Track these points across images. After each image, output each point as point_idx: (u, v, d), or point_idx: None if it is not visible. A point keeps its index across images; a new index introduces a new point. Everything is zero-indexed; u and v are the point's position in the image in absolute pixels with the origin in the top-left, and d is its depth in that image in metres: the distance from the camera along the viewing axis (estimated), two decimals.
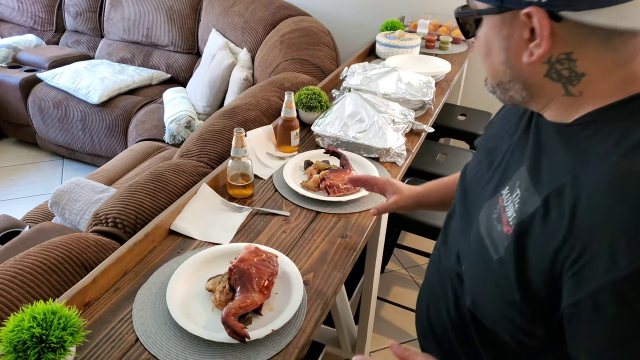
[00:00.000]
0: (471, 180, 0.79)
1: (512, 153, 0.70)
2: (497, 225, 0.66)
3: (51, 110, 2.90)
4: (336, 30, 2.95)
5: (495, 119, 0.84)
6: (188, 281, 0.97)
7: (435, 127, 1.76)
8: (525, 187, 0.62)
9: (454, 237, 0.80)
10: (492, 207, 0.68)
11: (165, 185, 1.31)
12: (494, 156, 0.75)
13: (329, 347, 1.77)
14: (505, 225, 0.64)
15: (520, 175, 0.65)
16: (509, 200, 0.65)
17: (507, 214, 0.64)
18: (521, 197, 0.63)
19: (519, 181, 0.65)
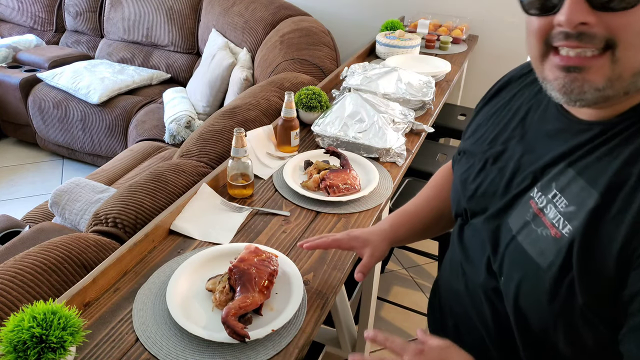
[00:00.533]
0: (479, 191, 0.74)
1: (530, 155, 0.67)
2: (538, 229, 0.61)
3: (51, 110, 2.90)
4: (336, 30, 2.96)
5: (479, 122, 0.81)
6: (188, 281, 0.97)
7: (435, 127, 1.76)
8: (576, 187, 0.59)
9: (475, 248, 0.75)
10: (524, 213, 0.64)
11: (165, 185, 1.31)
12: (503, 162, 0.71)
13: (329, 347, 1.77)
14: (550, 228, 0.60)
15: (555, 175, 0.62)
16: (545, 201, 0.62)
17: (549, 216, 0.60)
18: (567, 195, 0.59)
19: (555, 182, 0.61)
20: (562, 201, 0.60)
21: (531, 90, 0.75)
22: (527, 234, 0.63)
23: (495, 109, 0.79)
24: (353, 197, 1.25)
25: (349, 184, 1.27)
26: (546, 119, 0.68)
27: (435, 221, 0.97)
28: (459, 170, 0.81)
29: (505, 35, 2.59)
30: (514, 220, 0.66)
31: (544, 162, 0.64)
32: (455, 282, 0.81)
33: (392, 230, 0.95)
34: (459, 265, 0.80)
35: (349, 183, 1.27)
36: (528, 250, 0.62)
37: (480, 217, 0.74)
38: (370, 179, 1.34)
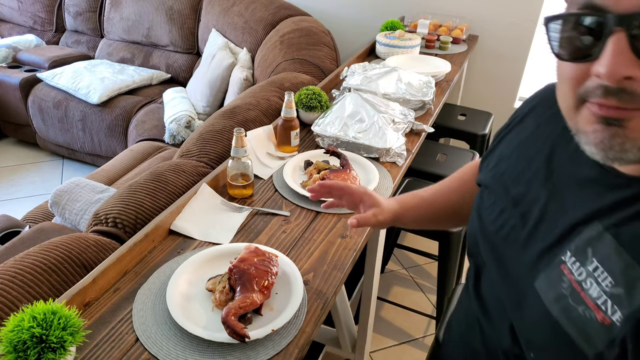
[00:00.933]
0: (500, 234, 0.65)
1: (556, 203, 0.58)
2: (578, 307, 0.52)
3: (51, 110, 2.90)
4: (336, 30, 2.96)
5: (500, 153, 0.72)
6: (188, 281, 0.97)
7: (435, 127, 1.76)
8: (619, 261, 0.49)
9: (495, 305, 0.66)
10: (556, 280, 0.55)
11: (165, 185, 1.31)
12: (525, 207, 0.62)
13: (329, 347, 1.77)
14: (595, 310, 0.50)
15: (590, 239, 0.52)
16: (584, 273, 0.52)
17: (591, 294, 0.50)
18: (612, 273, 0.49)
19: (591, 248, 0.52)
20: (606, 278, 0.50)
21: (558, 123, 0.63)
22: (565, 312, 0.53)
23: (519, 141, 0.69)
24: None
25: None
26: (576, 162, 0.58)
27: (447, 215, 0.91)
28: (479, 204, 0.72)
29: (505, 35, 2.59)
30: (543, 286, 0.56)
31: (574, 218, 0.55)
32: (472, 338, 0.73)
33: (401, 209, 0.90)
34: (476, 320, 0.72)
35: (349, 183, 1.27)
36: (568, 331, 0.52)
37: (497, 269, 0.65)
38: (370, 179, 1.34)
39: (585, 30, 0.46)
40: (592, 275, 0.50)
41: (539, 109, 0.69)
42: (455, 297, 1.22)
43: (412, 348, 1.93)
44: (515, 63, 2.61)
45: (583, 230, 0.53)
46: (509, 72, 2.64)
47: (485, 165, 0.75)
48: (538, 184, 0.61)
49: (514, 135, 0.71)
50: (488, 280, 0.69)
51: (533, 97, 0.72)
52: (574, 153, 0.58)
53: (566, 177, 0.59)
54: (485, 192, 0.71)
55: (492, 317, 0.67)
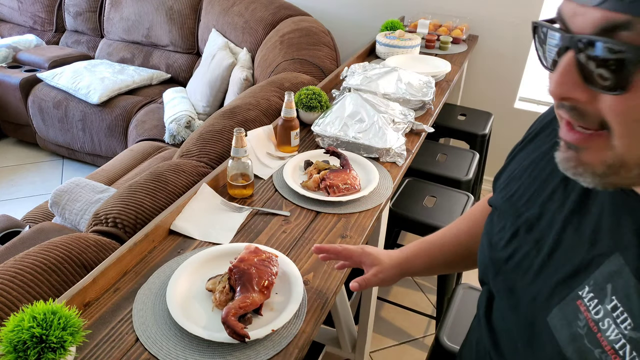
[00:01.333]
0: (511, 262, 0.60)
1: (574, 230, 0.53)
2: (595, 350, 0.47)
3: (51, 110, 2.90)
4: (336, 30, 2.96)
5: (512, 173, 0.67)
6: (188, 281, 0.97)
7: (435, 127, 1.76)
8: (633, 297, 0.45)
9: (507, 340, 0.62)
10: (571, 317, 0.50)
11: (165, 185, 1.31)
12: (539, 233, 0.57)
13: (329, 347, 1.77)
14: (611, 355, 0.46)
15: (610, 274, 0.47)
16: (602, 312, 0.47)
17: (609, 337, 0.46)
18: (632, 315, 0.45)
19: (611, 284, 0.47)
20: (627, 320, 0.45)
21: None
22: (580, 353, 0.48)
23: (531, 160, 0.64)
24: (353, 197, 1.25)
25: (349, 184, 1.27)
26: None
27: (460, 257, 0.87)
28: (488, 228, 0.67)
29: (505, 35, 2.59)
30: (556, 324, 0.51)
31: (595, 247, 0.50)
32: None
33: (406, 259, 0.88)
34: (487, 353, 0.67)
35: (349, 183, 1.27)
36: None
37: (508, 299, 0.61)
38: (370, 179, 1.34)
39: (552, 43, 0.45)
40: (611, 315, 0.46)
41: (553, 127, 0.63)
42: (455, 297, 1.23)
43: (412, 348, 1.93)
44: (515, 63, 2.61)
45: (604, 263, 0.48)
46: (509, 72, 2.64)
47: (497, 186, 0.70)
48: (554, 207, 0.56)
49: (526, 154, 0.66)
50: (499, 311, 0.64)
51: (546, 114, 0.67)
52: None
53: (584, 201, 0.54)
54: (495, 215, 0.66)
55: (504, 352, 0.62)
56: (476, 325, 0.74)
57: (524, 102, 2.75)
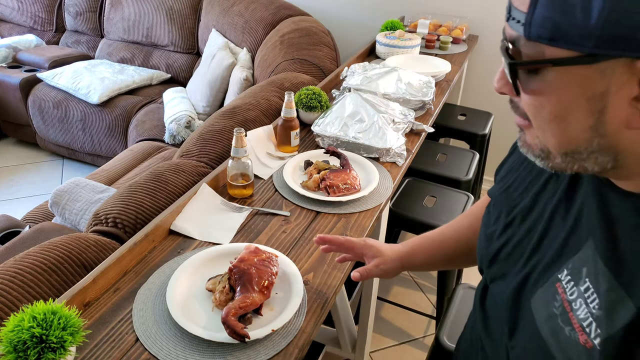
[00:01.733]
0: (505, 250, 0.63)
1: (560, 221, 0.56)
2: (565, 328, 0.51)
3: (51, 110, 2.90)
4: (336, 30, 2.95)
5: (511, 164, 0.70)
6: (188, 281, 0.97)
7: (435, 127, 1.76)
8: (605, 284, 0.48)
9: (497, 324, 0.65)
10: (550, 298, 0.54)
11: (165, 185, 1.31)
12: (531, 221, 0.60)
13: (329, 347, 1.77)
14: (579, 332, 0.49)
15: (586, 258, 0.51)
16: (575, 292, 0.50)
17: (578, 315, 0.49)
18: (599, 295, 0.48)
19: (586, 267, 0.50)
20: (595, 300, 0.48)
21: None
22: (554, 332, 0.52)
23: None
24: (353, 197, 1.25)
25: (349, 184, 1.27)
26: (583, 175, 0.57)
27: (461, 253, 0.88)
28: (485, 220, 0.70)
29: None
30: (537, 305, 0.55)
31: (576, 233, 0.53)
32: (474, 355, 0.72)
33: (407, 253, 0.89)
34: (478, 338, 0.71)
35: (349, 183, 1.27)
36: (555, 354, 0.51)
37: (500, 285, 0.64)
38: (370, 179, 1.34)
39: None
40: (583, 296, 0.49)
41: None
42: (455, 297, 1.22)
43: (412, 348, 1.93)
44: None
45: (582, 248, 0.51)
46: None
47: (498, 177, 0.73)
48: (546, 198, 0.59)
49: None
50: (492, 297, 0.67)
51: None
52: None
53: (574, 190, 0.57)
54: (491, 206, 0.70)
55: (494, 336, 0.66)
56: (472, 313, 0.77)
57: None
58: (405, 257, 0.89)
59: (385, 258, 0.88)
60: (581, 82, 0.43)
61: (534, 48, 0.45)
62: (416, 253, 0.89)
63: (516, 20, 0.46)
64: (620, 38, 0.40)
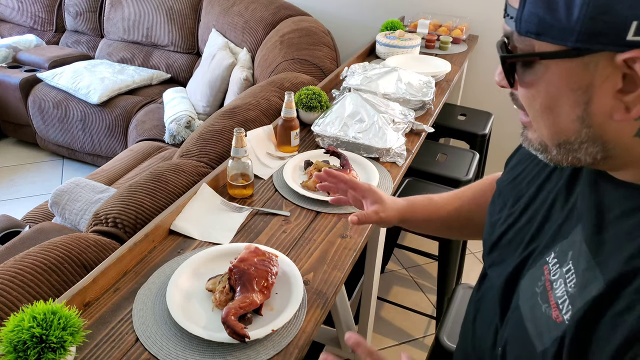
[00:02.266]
0: (504, 238, 0.65)
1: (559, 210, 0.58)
2: (543, 305, 0.53)
3: (51, 110, 2.90)
4: (336, 30, 2.95)
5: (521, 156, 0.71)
6: (188, 281, 0.97)
7: (435, 127, 1.76)
8: (584, 264, 0.50)
9: (489, 308, 0.66)
10: (536, 278, 0.56)
11: (165, 185, 1.31)
12: (533, 210, 0.62)
13: (329, 347, 1.77)
14: (553, 308, 0.51)
15: (573, 242, 0.53)
16: (558, 273, 0.53)
17: (556, 294, 0.52)
18: (577, 275, 0.50)
19: (572, 251, 0.52)
20: (572, 280, 0.50)
21: None
22: (531, 308, 0.55)
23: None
24: None
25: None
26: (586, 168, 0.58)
27: (458, 223, 0.88)
28: (491, 209, 0.72)
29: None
30: (524, 285, 0.57)
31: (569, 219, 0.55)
32: (465, 340, 0.73)
33: (408, 208, 0.88)
34: (471, 322, 0.72)
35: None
36: (528, 327, 0.54)
37: (496, 270, 0.65)
38: (370, 179, 1.34)
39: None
40: (564, 277, 0.52)
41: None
42: (455, 297, 1.22)
43: (412, 348, 1.93)
44: None
45: (572, 232, 0.54)
46: None
47: (508, 167, 0.74)
48: (550, 187, 0.61)
49: None
50: (488, 282, 0.69)
51: None
52: None
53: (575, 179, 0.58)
54: (497, 196, 0.71)
55: (484, 319, 0.67)
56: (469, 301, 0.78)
57: None
58: (405, 210, 0.87)
59: (386, 206, 0.86)
60: (567, 75, 0.46)
61: (525, 43, 0.48)
62: (416, 210, 0.88)
63: (510, 16, 0.50)
64: (600, 33, 0.42)
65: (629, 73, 0.43)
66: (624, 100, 0.44)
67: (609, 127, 0.46)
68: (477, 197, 0.87)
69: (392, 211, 0.86)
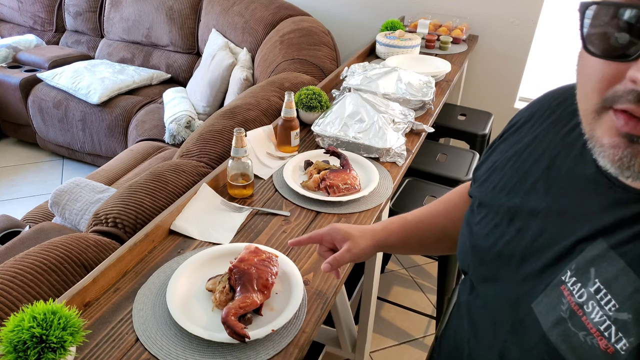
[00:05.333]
0: (492, 251, 0.61)
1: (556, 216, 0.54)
2: (580, 333, 0.48)
3: (51, 110, 2.90)
4: (336, 30, 2.96)
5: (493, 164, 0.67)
6: (188, 281, 0.97)
7: (435, 127, 1.76)
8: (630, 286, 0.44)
9: (488, 328, 0.62)
10: (555, 301, 0.50)
11: (165, 185, 1.31)
12: (522, 221, 0.58)
13: (329, 347, 1.77)
14: (597, 337, 0.46)
15: (593, 258, 0.48)
16: (585, 295, 0.47)
17: (593, 319, 0.46)
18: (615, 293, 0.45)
19: (594, 268, 0.47)
20: (610, 301, 0.45)
21: (558, 131, 0.59)
22: (565, 337, 0.49)
23: (514, 151, 0.64)
24: (353, 197, 1.25)
25: (349, 184, 1.27)
26: (579, 173, 0.54)
27: (435, 239, 0.85)
28: (469, 218, 0.68)
29: (505, 35, 2.59)
30: (542, 309, 0.52)
31: (577, 234, 0.50)
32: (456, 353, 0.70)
33: (383, 233, 0.84)
34: (465, 342, 0.68)
35: (349, 183, 1.27)
36: (566, 356, 0.49)
37: (491, 287, 0.61)
38: (370, 179, 1.34)
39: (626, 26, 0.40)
40: (594, 298, 0.46)
41: (536, 119, 0.64)
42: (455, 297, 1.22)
43: (412, 348, 1.93)
44: (515, 63, 2.61)
45: (586, 248, 0.49)
46: (509, 72, 2.64)
47: (478, 177, 0.71)
48: (536, 197, 0.57)
49: (508, 146, 0.66)
50: (481, 299, 0.64)
51: (529, 106, 0.67)
52: (575, 164, 0.55)
53: (568, 188, 0.54)
54: (476, 205, 0.67)
55: (483, 341, 0.63)
56: (456, 313, 0.74)
57: (524, 102, 2.75)
58: (380, 237, 0.84)
59: (356, 240, 0.82)
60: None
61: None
62: (391, 233, 0.85)
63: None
64: None
65: None
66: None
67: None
68: (450, 212, 0.84)
69: (364, 242, 0.82)
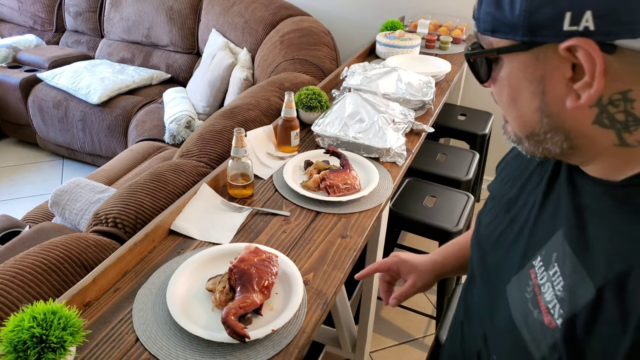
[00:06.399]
0: (490, 240, 0.65)
1: (539, 210, 0.58)
2: (534, 311, 0.52)
3: (51, 110, 2.90)
4: (336, 30, 2.95)
5: (508, 158, 0.72)
6: (188, 281, 0.97)
7: (435, 127, 1.76)
8: (570, 266, 0.49)
9: (477, 312, 0.67)
10: (523, 283, 0.55)
11: (165, 185, 1.31)
12: (515, 212, 0.62)
13: (329, 347, 1.77)
14: (545, 314, 0.51)
15: (557, 244, 0.52)
16: (545, 277, 0.52)
17: (546, 298, 0.51)
18: (565, 278, 0.49)
19: (556, 253, 0.52)
20: (560, 282, 0.50)
21: None
22: (524, 315, 0.54)
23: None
24: (353, 197, 1.25)
25: (349, 184, 1.27)
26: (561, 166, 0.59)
27: None
28: (480, 211, 0.72)
29: None
30: (512, 291, 0.57)
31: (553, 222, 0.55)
32: (454, 343, 0.74)
33: (442, 262, 0.88)
34: (460, 324, 0.73)
35: (349, 183, 1.27)
36: (523, 334, 0.54)
37: (483, 274, 0.66)
38: (370, 179, 1.34)
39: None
40: (551, 280, 0.51)
41: None
42: (455, 297, 1.22)
43: (412, 348, 1.93)
44: None
45: (554, 234, 0.53)
46: None
47: (497, 171, 0.75)
48: (530, 188, 0.61)
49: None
50: (475, 286, 0.69)
51: None
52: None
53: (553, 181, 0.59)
54: (488, 199, 0.72)
55: (473, 322, 0.68)
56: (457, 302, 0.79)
57: None
58: (439, 266, 0.88)
59: (421, 273, 0.87)
60: (523, 68, 0.49)
61: (485, 41, 0.52)
62: (448, 261, 0.88)
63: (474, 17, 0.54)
64: (541, 26, 0.45)
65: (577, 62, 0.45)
66: (575, 88, 0.46)
67: (566, 116, 0.48)
68: None
69: (428, 274, 0.87)
